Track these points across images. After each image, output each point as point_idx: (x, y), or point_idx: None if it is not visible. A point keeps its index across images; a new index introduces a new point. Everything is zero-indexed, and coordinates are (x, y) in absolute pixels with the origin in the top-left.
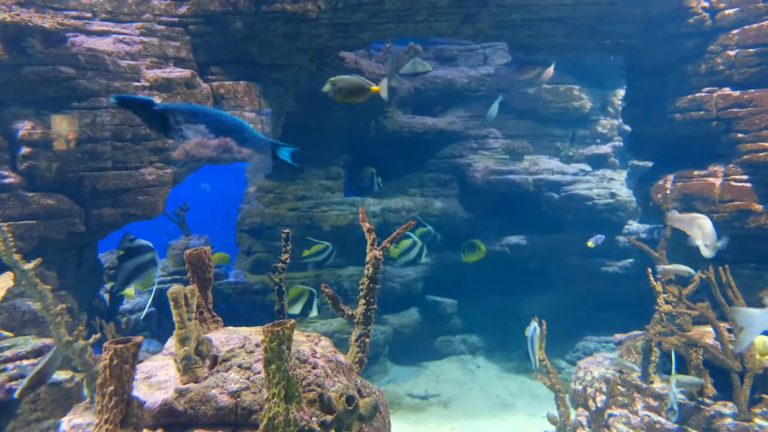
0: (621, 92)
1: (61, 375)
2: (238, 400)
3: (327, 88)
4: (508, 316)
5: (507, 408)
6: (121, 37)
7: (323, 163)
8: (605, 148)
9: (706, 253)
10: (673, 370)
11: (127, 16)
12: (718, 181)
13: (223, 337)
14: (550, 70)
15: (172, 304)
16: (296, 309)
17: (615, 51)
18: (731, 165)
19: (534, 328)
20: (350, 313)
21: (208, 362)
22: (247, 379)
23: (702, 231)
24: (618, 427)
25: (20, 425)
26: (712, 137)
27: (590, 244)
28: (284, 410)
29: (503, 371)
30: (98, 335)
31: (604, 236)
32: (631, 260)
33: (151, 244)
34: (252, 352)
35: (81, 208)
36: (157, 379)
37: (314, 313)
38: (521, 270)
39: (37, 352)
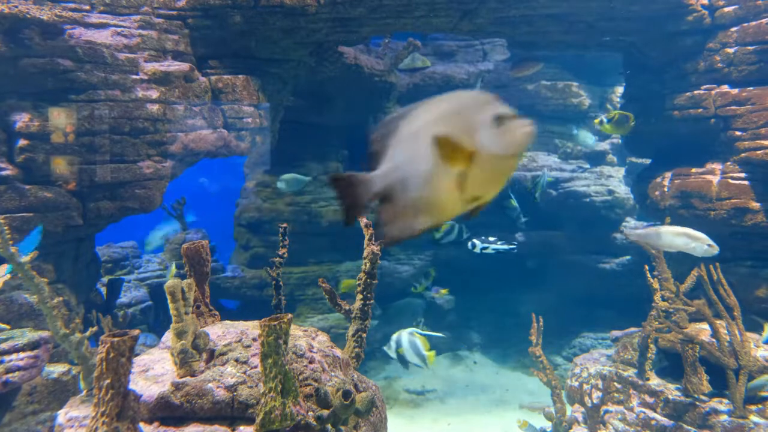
0: (620, 89)
1: (57, 368)
2: (235, 394)
3: None
4: (505, 313)
5: (503, 404)
6: (119, 29)
7: (321, 158)
8: (603, 145)
9: (713, 251)
10: None
11: (125, 9)
12: (715, 179)
13: (220, 331)
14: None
15: (169, 297)
16: None
17: (614, 48)
18: (729, 163)
19: None
20: (347, 308)
21: (205, 356)
22: (244, 373)
23: (693, 236)
24: (614, 424)
25: (17, 417)
26: (711, 135)
27: None
28: (281, 404)
29: (500, 367)
30: (95, 328)
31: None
32: (628, 257)
33: None
34: (249, 346)
35: (78, 201)
36: (154, 372)
37: None
38: (519, 267)
39: (34, 345)
